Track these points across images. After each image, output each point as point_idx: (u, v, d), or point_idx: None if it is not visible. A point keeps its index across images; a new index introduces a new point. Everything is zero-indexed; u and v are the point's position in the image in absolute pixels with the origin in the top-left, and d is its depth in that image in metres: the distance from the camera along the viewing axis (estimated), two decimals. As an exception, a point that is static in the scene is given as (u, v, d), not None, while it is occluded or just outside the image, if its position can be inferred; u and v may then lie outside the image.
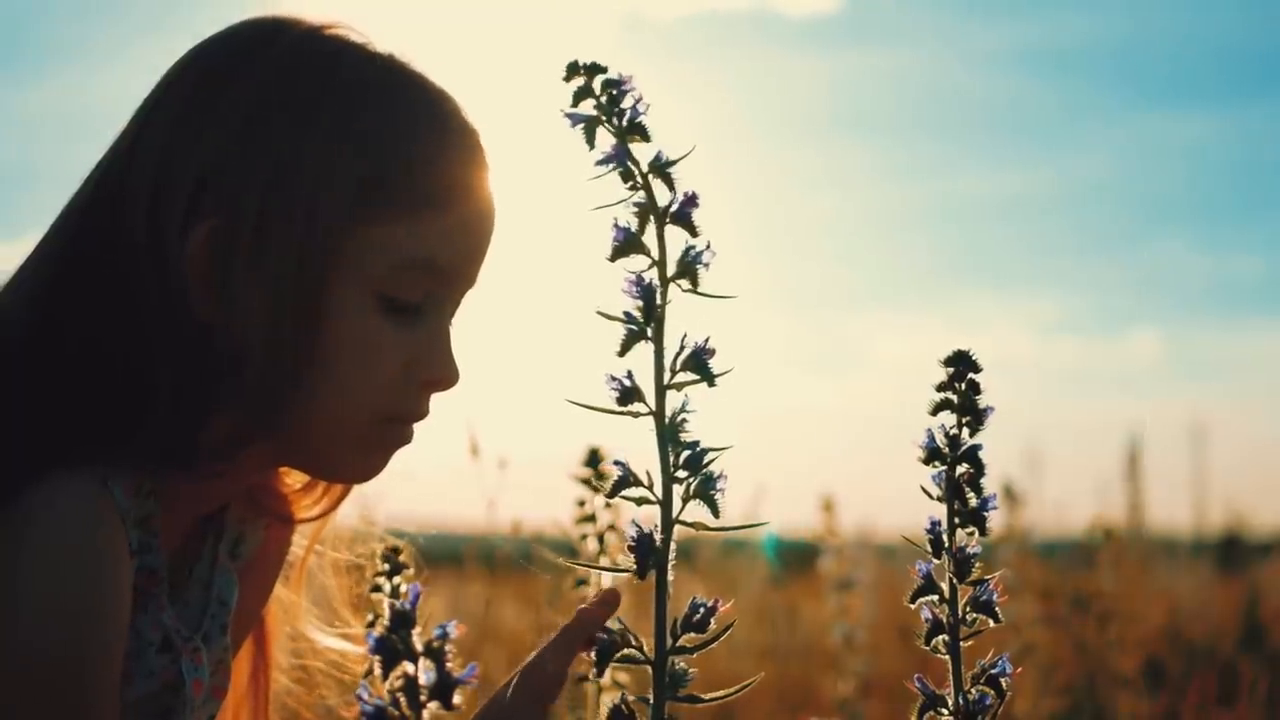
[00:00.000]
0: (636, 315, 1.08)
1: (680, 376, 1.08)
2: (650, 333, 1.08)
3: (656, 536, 1.08)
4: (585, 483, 1.67)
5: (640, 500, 1.09)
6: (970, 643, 1.14)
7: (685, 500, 1.08)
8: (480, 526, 2.04)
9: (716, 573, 5.36)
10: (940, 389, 1.14)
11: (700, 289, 1.08)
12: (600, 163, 1.08)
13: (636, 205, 1.08)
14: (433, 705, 0.90)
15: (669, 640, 1.09)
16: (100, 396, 1.17)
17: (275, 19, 1.25)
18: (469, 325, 1.29)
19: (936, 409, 1.14)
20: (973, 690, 1.13)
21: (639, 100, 1.08)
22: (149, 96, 1.25)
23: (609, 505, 1.67)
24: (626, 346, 1.08)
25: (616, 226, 1.08)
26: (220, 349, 1.18)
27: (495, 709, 1.13)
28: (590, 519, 1.68)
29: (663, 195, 1.08)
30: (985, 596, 1.14)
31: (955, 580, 1.14)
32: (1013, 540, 3.67)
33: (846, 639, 3.28)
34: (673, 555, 1.08)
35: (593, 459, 1.66)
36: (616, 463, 1.09)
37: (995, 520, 1.16)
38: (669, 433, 1.08)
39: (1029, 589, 3.52)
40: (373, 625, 0.91)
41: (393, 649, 0.90)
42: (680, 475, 1.08)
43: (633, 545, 1.08)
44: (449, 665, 0.90)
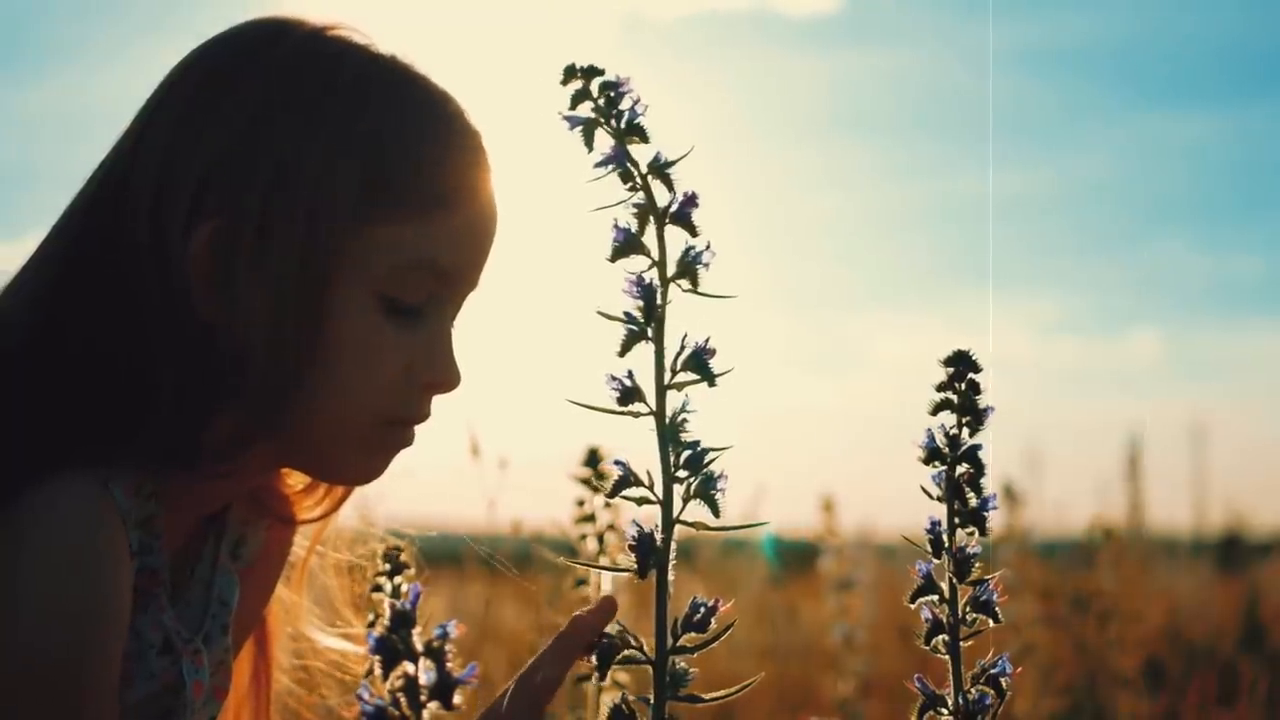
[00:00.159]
0: (637, 315, 1.08)
1: (680, 376, 1.08)
2: (650, 333, 1.08)
3: (657, 536, 1.08)
4: (585, 483, 1.67)
5: (641, 500, 1.09)
6: (970, 643, 1.14)
7: (686, 500, 1.08)
8: (480, 526, 2.05)
9: (717, 572, 5.35)
10: (940, 389, 1.14)
11: (700, 289, 1.08)
12: (599, 164, 1.08)
13: (636, 206, 1.08)
14: (433, 705, 0.90)
15: (669, 640, 1.09)
16: (102, 397, 1.17)
17: (279, 20, 1.25)
18: (470, 326, 1.29)
19: (936, 409, 1.14)
20: (972, 690, 1.13)
21: (637, 101, 1.08)
22: (152, 96, 1.25)
23: (609, 505, 1.67)
24: (627, 346, 1.08)
25: (616, 227, 1.08)
26: (222, 349, 1.18)
27: (492, 717, 1.13)
28: (590, 519, 1.68)
29: (662, 196, 1.08)
30: (985, 596, 1.14)
31: (955, 580, 1.14)
32: (1013, 540, 3.67)
33: (846, 639, 3.29)
34: (673, 555, 1.08)
35: (593, 459, 1.66)
36: (617, 462, 1.09)
37: (995, 520, 1.16)
38: (669, 433, 1.08)
39: (1029, 589, 3.52)
40: (373, 625, 0.91)
41: (393, 649, 0.89)
42: (680, 475, 1.08)
43: (633, 545, 1.08)
44: (449, 665, 0.90)
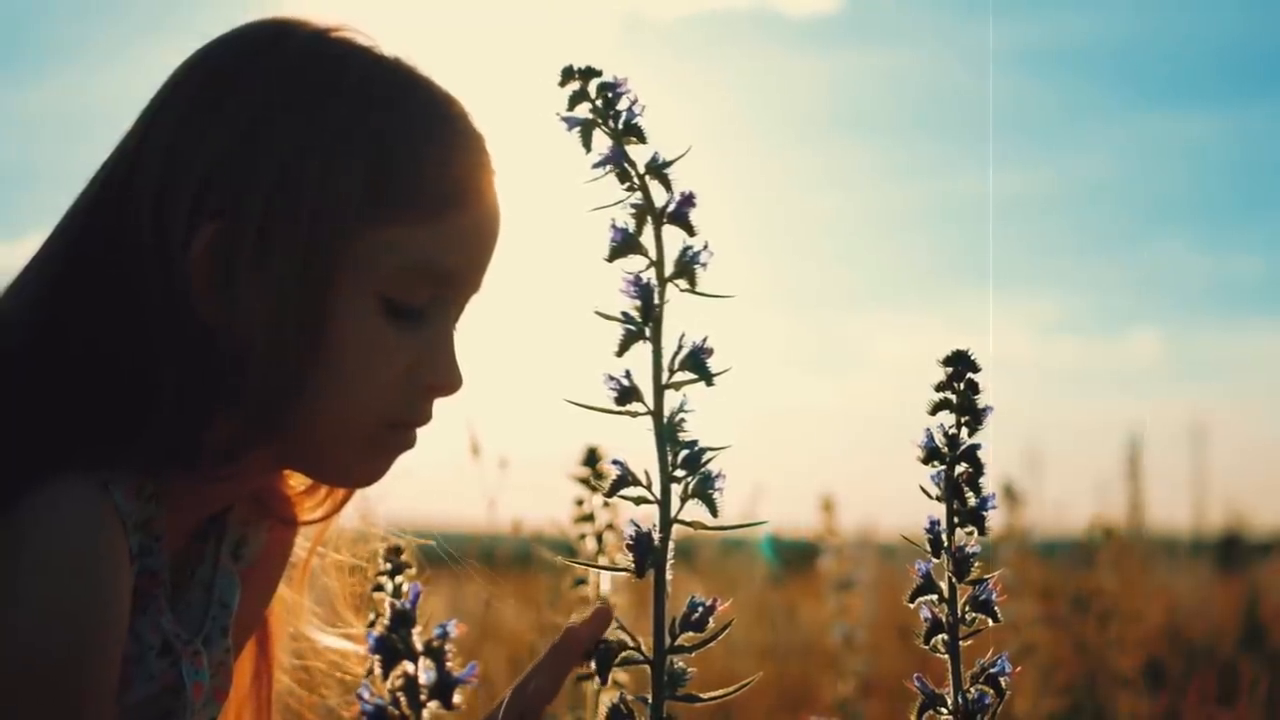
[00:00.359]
0: (634, 315, 1.08)
1: (678, 376, 1.08)
2: (648, 332, 1.08)
3: (655, 536, 1.08)
4: (584, 482, 1.67)
5: (638, 499, 1.09)
6: (969, 642, 1.14)
7: (683, 499, 1.08)
8: (481, 526, 2.05)
9: (715, 572, 5.35)
10: (939, 389, 1.14)
11: (698, 289, 1.08)
12: (597, 165, 1.08)
13: (634, 206, 1.08)
14: (433, 705, 0.90)
15: (667, 639, 1.09)
16: (103, 397, 1.17)
17: (282, 21, 1.25)
18: (469, 325, 1.29)
19: (935, 409, 1.14)
20: (972, 689, 1.13)
21: (634, 102, 1.08)
22: (155, 96, 1.24)
23: (607, 504, 1.67)
24: (625, 346, 1.08)
25: (614, 227, 1.08)
26: (224, 350, 1.17)
27: None
28: (589, 518, 1.68)
29: (660, 196, 1.08)
30: (984, 596, 1.14)
31: (954, 579, 1.14)
32: (1013, 540, 3.67)
33: (846, 638, 3.29)
34: (671, 554, 1.09)
35: (591, 458, 1.66)
36: (615, 462, 1.09)
37: (995, 520, 1.16)
38: (667, 432, 1.08)
39: (1029, 589, 3.52)
40: (373, 625, 0.91)
41: (393, 648, 0.90)
42: (678, 474, 1.08)
43: (631, 544, 1.08)
44: (449, 664, 0.90)
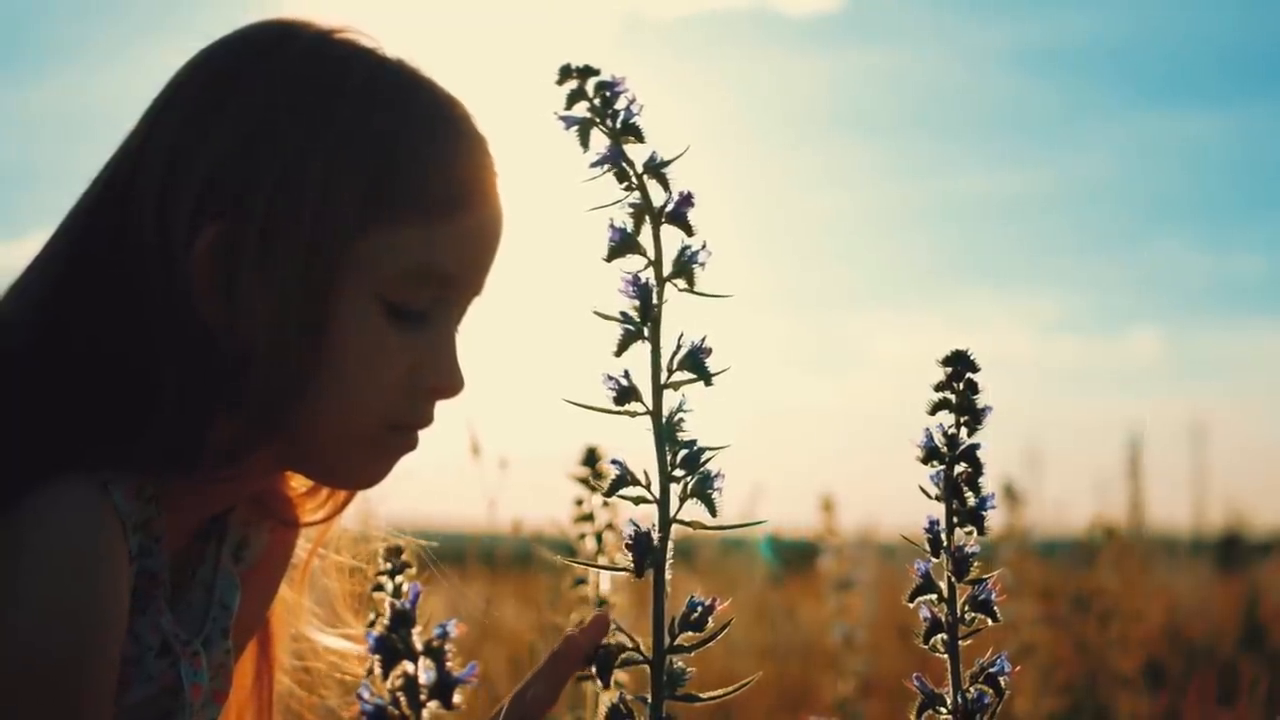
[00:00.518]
0: (633, 315, 1.08)
1: (677, 376, 1.08)
2: (647, 332, 1.08)
3: (654, 535, 1.08)
4: (583, 482, 1.67)
5: (638, 499, 1.09)
6: (969, 642, 1.15)
7: (683, 499, 1.08)
8: (481, 526, 2.05)
9: (715, 572, 5.35)
10: (938, 389, 1.14)
11: (696, 288, 1.08)
12: (595, 164, 1.08)
13: (632, 206, 1.08)
14: (432, 704, 0.90)
15: (667, 639, 1.09)
16: (105, 397, 1.17)
17: (286, 22, 1.25)
18: (469, 326, 1.29)
19: (935, 409, 1.14)
20: (971, 689, 1.13)
21: (632, 101, 1.08)
22: (159, 97, 1.25)
23: (607, 504, 1.67)
24: (623, 346, 1.08)
25: (612, 227, 1.08)
26: (225, 351, 1.18)
27: None
28: (589, 518, 1.68)
29: (658, 195, 1.08)
30: (983, 595, 1.14)
31: (954, 579, 1.14)
32: (1013, 539, 3.67)
33: (846, 638, 3.28)
34: (670, 554, 1.09)
35: (590, 458, 1.66)
36: (614, 462, 1.09)
37: (994, 519, 1.16)
38: (666, 432, 1.08)
39: (1029, 588, 3.52)
40: (373, 625, 0.91)
41: (393, 648, 0.90)
42: (677, 474, 1.08)
43: (630, 544, 1.08)
44: (449, 664, 0.90)
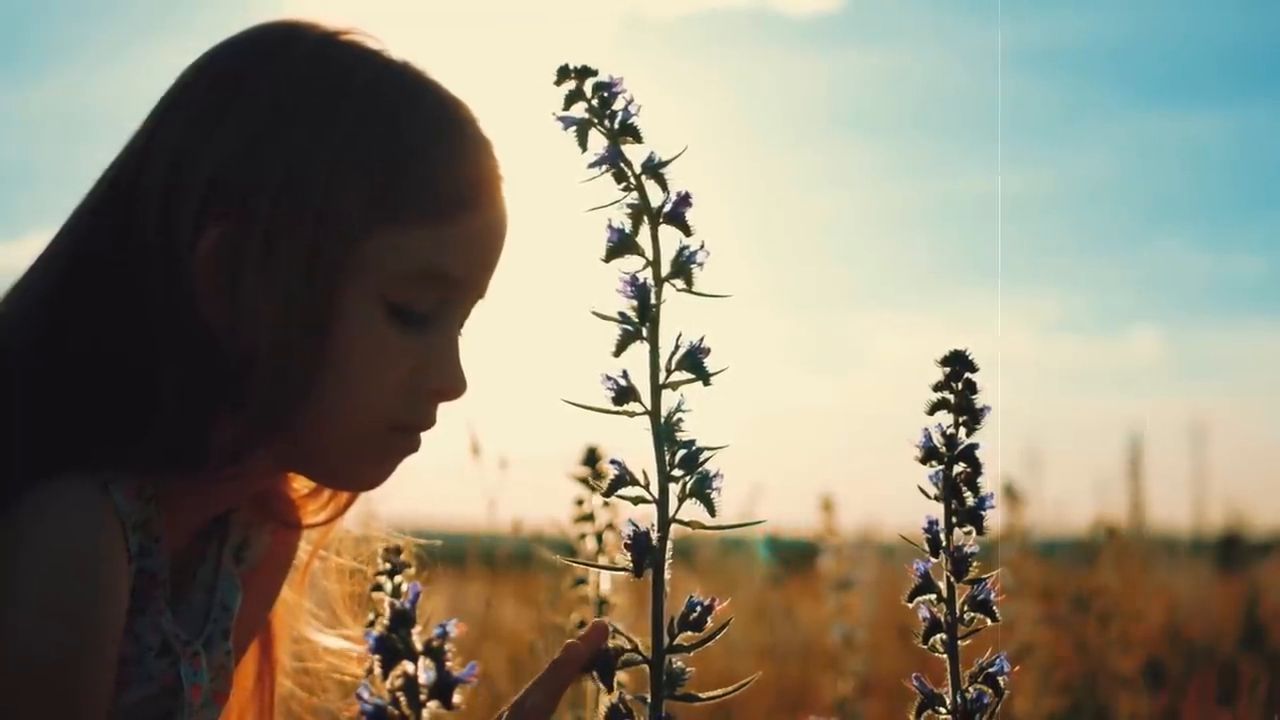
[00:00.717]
0: (631, 315, 1.08)
1: (675, 376, 1.08)
2: (645, 332, 1.08)
3: (653, 535, 1.08)
4: (583, 482, 1.67)
5: (637, 499, 1.09)
6: (968, 641, 1.15)
7: (682, 499, 1.08)
8: (481, 526, 2.05)
9: (714, 571, 5.35)
10: (937, 389, 1.14)
11: (695, 288, 1.08)
12: (593, 165, 1.08)
13: (630, 206, 1.08)
14: (432, 704, 0.90)
15: (666, 639, 1.10)
16: (106, 397, 1.17)
17: (291, 23, 1.25)
18: (469, 326, 1.29)
19: (933, 409, 1.14)
20: (970, 689, 1.14)
21: (630, 102, 1.08)
22: (164, 97, 1.25)
23: (607, 504, 1.67)
24: (622, 346, 1.08)
25: (611, 227, 1.08)
26: (228, 351, 1.18)
27: None
28: (589, 518, 1.68)
29: (656, 196, 1.08)
30: (983, 595, 1.14)
31: (953, 579, 1.14)
32: (1013, 539, 3.67)
33: (845, 638, 3.28)
34: (670, 554, 1.09)
35: (590, 458, 1.66)
36: (613, 462, 1.10)
37: (994, 519, 1.16)
38: (665, 432, 1.08)
39: (1029, 588, 3.52)
40: (373, 624, 0.91)
41: (392, 648, 0.90)
42: (676, 474, 1.08)
43: (629, 544, 1.08)
44: (449, 664, 0.90)
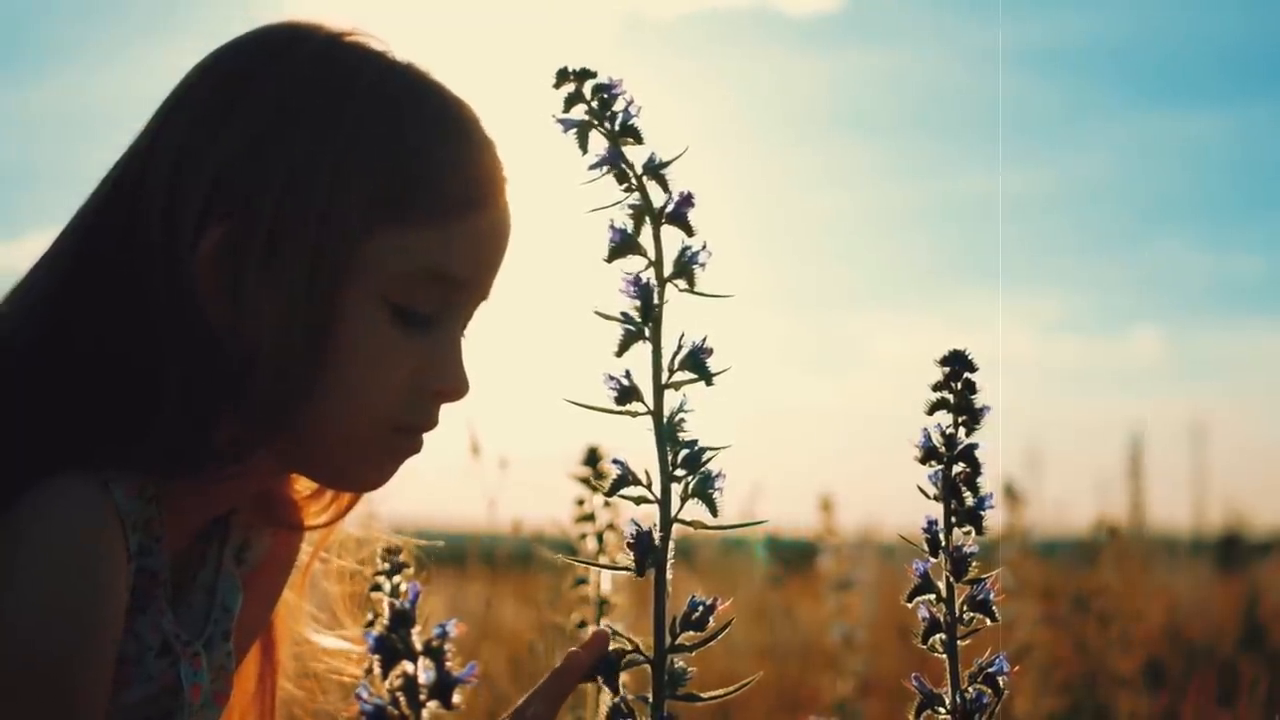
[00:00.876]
0: (634, 315, 1.08)
1: (678, 376, 1.08)
2: (648, 333, 1.08)
3: (655, 535, 1.08)
4: (584, 482, 1.67)
5: (639, 499, 1.09)
6: (968, 641, 1.15)
7: (683, 499, 1.08)
8: (481, 526, 2.05)
9: (715, 571, 5.36)
10: (936, 389, 1.14)
11: (697, 289, 1.09)
12: (594, 166, 1.08)
13: (632, 207, 1.09)
14: (432, 704, 0.90)
15: (668, 639, 1.10)
16: (108, 396, 1.17)
17: (297, 25, 1.25)
18: (470, 325, 1.29)
19: (933, 408, 1.15)
20: (970, 689, 1.14)
21: (630, 103, 1.09)
22: (169, 97, 1.25)
23: (608, 504, 1.67)
24: (624, 346, 1.09)
25: (613, 228, 1.08)
26: (230, 351, 1.18)
27: None
28: (590, 518, 1.69)
29: (658, 196, 1.09)
30: (982, 595, 1.14)
31: (952, 579, 1.14)
32: (1013, 539, 3.67)
33: (845, 638, 3.29)
34: (671, 554, 1.09)
35: (592, 458, 1.66)
36: (615, 461, 1.10)
37: (994, 519, 1.16)
38: (667, 432, 1.08)
39: (1029, 588, 3.52)
40: (372, 624, 0.91)
41: (392, 648, 0.90)
42: (678, 474, 1.08)
43: (631, 543, 1.09)
44: (448, 664, 0.90)
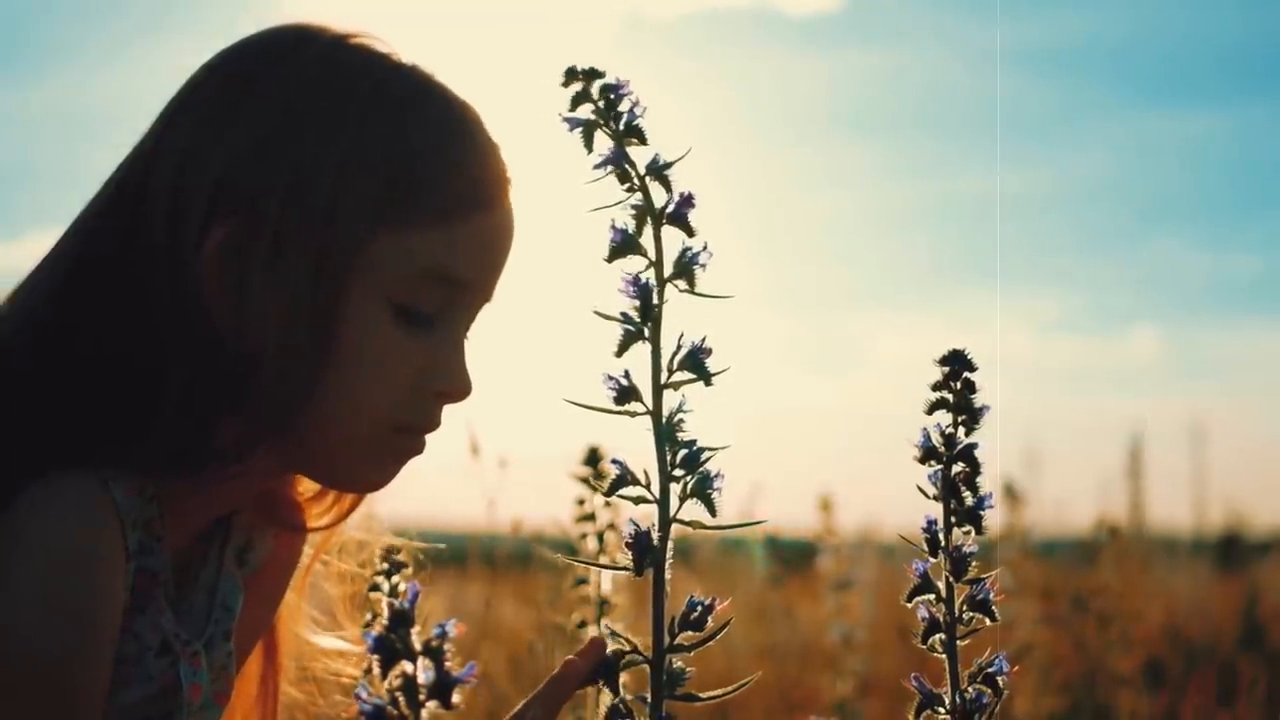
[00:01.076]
0: (634, 315, 1.08)
1: (677, 376, 1.08)
2: (647, 333, 1.08)
3: (654, 535, 1.09)
4: (584, 481, 1.67)
5: (638, 499, 1.09)
6: (968, 641, 1.15)
7: (682, 499, 1.09)
8: (480, 526, 2.05)
9: (714, 571, 5.36)
10: (936, 388, 1.14)
11: (697, 289, 1.09)
12: (598, 166, 1.09)
13: (634, 207, 1.09)
14: (431, 704, 0.90)
15: (666, 639, 1.10)
16: (109, 396, 1.17)
17: (301, 27, 1.25)
18: (474, 328, 1.29)
19: (932, 408, 1.15)
20: (970, 689, 1.14)
21: (636, 104, 1.09)
22: (173, 99, 1.25)
23: (608, 504, 1.67)
24: (624, 346, 1.09)
25: (614, 228, 1.09)
26: (233, 352, 1.18)
27: None
28: (589, 518, 1.69)
29: (659, 197, 1.09)
30: (982, 595, 1.14)
31: (952, 579, 1.14)
32: (1013, 539, 3.68)
33: (845, 638, 3.29)
34: (670, 554, 1.09)
35: (592, 458, 1.66)
36: (614, 461, 1.10)
37: (993, 519, 1.16)
38: (666, 432, 1.08)
39: (1028, 588, 3.52)
40: (371, 624, 0.91)
41: (391, 648, 0.90)
42: (677, 474, 1.08)
43: (630, 543, 1.09)
44: (448, 664, 0.90)
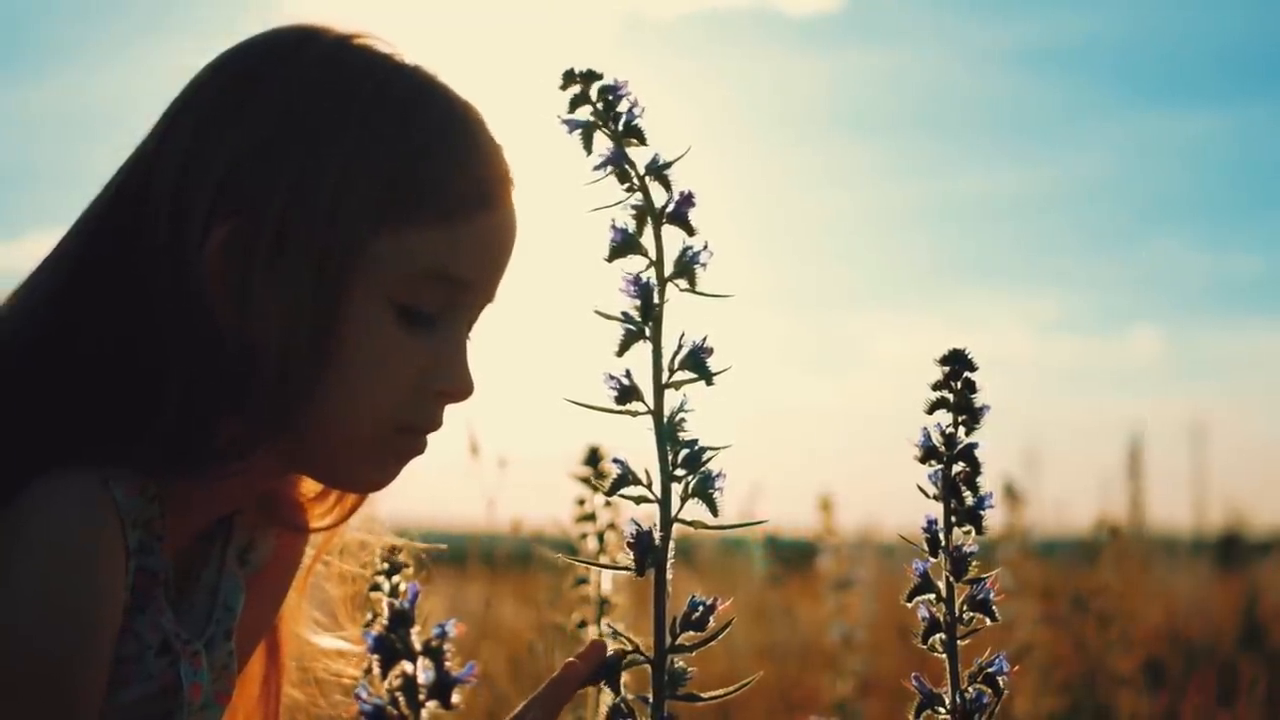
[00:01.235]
0: (634, 315, 1.08)
1: (678, 375, 1.08)
2: (648, 332, 1.08)
3: (655, 534, 1.09)
4: (585, 481, 1.67)
5: (639, 499, 1.09)
6: (968, 641, 1.15)
7: (684, 498, 1.09)
8: (480, 526, 2.05)
9: (715, 571, 5.36)
10: (936, 388, 1.14)
11: (697, 288, 1.09)
12: (598, 166, 1.09)
13: (634, 207, 1.09)
14: (431, 704, 0.90)
15: (668, 639, 1.10)
16: (112, 396, 1.17)
17: (305, 27, 1.25)
18: (474, 326, 1.29)
19: (932, 408, 1.15)
20: (970, 689, 1.14)
21: (635, 104, 1.09)
22: (175, 100, 1.25)
23: (608, 504, 1.68)
24: (625, 346, 1.09)
25: (614, 228, 1.09)
26: (235, 351, 1.18)
27: None
28: (590, 517, 1.69)
29: (659, 196, 1.09)
30: (982, 595, 1.14)
31: (952, 579, 1.14)
32: (1013, 539, 3.68)
33: (845, 638, 3.29)
34: (671, 553, 1.09)
35: (592, 458, 1.66)
36: (615, 461, 1.10)
37: (993, 519, 1.16)
38: (667, 431, 1.08)
39: (1029, 588, 3.52)
40: (371, 624, 0.91)
41: (391, 648, 0.90)
42: (679, 474, 1.08)
43: (631, 543, 1.09)
44: (447, 664, 0.90)
